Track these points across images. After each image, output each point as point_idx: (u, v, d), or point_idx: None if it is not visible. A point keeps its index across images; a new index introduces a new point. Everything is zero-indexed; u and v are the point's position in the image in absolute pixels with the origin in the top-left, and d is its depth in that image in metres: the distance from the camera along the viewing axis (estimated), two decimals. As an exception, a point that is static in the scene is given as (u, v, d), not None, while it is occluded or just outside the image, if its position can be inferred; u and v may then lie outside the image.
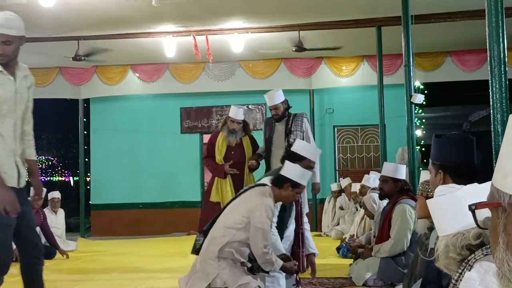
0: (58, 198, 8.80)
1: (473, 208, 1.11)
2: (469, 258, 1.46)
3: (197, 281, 4.06)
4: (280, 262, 3.97)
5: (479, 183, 1.58)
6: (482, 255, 1.41)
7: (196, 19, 8.55)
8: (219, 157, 6.39)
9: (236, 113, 6.36)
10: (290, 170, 4.06)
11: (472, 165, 2.63)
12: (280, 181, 4.05)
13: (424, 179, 3.19)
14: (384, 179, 5.11)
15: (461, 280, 1.44)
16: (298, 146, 4.54)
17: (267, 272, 4.05)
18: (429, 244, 2.91)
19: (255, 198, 4.05)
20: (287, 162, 4.17)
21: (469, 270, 1.39)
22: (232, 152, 6.38)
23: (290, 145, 5.85)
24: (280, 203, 4.26)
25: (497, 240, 1.05)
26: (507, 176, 1.01)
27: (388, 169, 5.13)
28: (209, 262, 4.01)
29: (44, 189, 7.90)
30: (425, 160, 13.16)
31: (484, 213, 1.14)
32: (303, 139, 5.89)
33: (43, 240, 8.23)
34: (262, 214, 3.91)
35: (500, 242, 1.04)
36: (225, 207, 4.26)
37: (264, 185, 4.17)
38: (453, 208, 1.53)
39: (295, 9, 8.14)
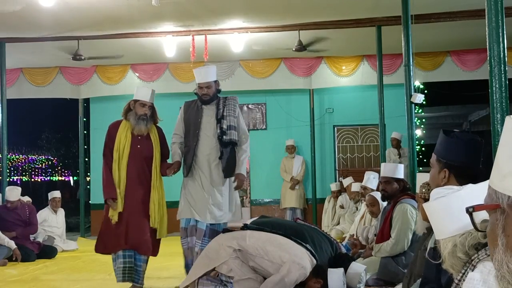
0: (59, 198, 8.82)
1: (470, 210, 1.11)
2: (473, 258, 1.44)
3: (203, 261, 4.09)
4: None
5: None
6: (486, 255, 1.40)
7: (196, 19, 8.54)
8: (121, 160, 5.04)
9: (147, 94, 5.16)
10: (334, 275, 4.01)
11: (478, 168, 2.62)
12: (318, 273, 4.03)
13: (422, 181, 3.17)
14: (386, 180, 5.09)
15: (463, 280, 1.43)
16: (354, 266, 4.29)
17: None
18: (428, 243, 2.91)
19: (303, 256, 4.05)
20: (339, 269, 4.08)
21: (472, 270, 1.38)
22: (139, 146, 5.10)
23: (223, 131, 5.13)
24: None
25: (496, 242, 1.05)
26: (505, 178, 1.01)
27: (388, 169, 5.11)
28: (226, 248, 4.03)
29: (19, 188, 7.94)
30: (425, 160, 13.17)
31: (481, 216, 1.14)
32: (236, 125, 5.21)
33: (42, 239, 8.25)
34: (294, 275, 3.93)
35: (499, 243, 1.04)
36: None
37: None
38: (451, 210, 1.53)
39: (295, 9, 8.13)
